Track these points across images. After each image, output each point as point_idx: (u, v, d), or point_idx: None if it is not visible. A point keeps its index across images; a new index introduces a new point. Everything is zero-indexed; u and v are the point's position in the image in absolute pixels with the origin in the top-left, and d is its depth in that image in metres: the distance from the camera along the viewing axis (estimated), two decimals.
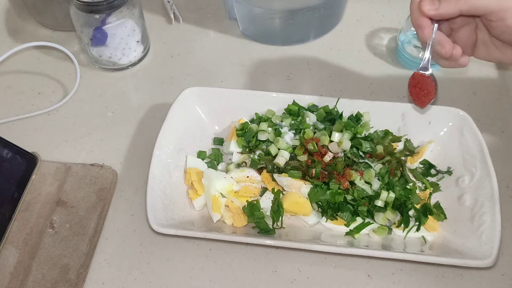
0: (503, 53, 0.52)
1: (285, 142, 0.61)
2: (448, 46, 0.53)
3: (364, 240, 0.57)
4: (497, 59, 0.54)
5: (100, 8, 0.67)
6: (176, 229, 0.54)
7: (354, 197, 0.56)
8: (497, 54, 0.53)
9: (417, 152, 0.63)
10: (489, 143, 0.59)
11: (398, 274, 0.56)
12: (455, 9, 0.49)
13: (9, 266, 0.56)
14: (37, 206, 0.61)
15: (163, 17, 0.84)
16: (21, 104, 0.72)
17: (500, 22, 0.48)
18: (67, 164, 0.64)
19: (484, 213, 0.55)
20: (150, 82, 0.75)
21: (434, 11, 0.50)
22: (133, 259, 0.58)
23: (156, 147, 0.60)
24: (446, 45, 0.53)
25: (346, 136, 0.59)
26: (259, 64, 0.76)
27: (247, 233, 0.58)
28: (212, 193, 0.58)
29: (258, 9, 0.75)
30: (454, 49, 0.53)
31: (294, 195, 0.57)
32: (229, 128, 0.67)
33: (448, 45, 0.53)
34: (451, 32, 0.56)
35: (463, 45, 0.55)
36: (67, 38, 0.80)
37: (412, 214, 0.57)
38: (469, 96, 0.71)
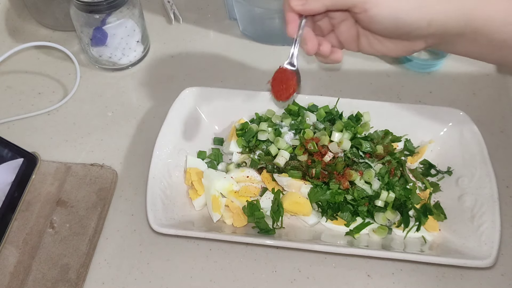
0: (384, 45, 0.52)
1: (285, 142, 0.61)
2: (310, 43, 0.53)
3: (364, 240, 0.57)
4: (380, 52, 0.53)
5: (100, 8, 0.67)
6: (176, 229, 0.54)
7: (354, 197, 0.56)
8: (379, 46, 0.53)
9: (417, 152, 0.63)
10: (489, 143, 0.59)
11: (398, 274, 0.56)
12: (321, 4, 0.49)
13: (9, 266, 0.56)
14: (37, 206, 0.61)
15: (163, 17, 0.84)
16: (21, 104, 0.72)
17: (364, 14, 0.48)
18: (67, 164, 0.64)
19: (484, 213, 0.55)
20: (150, 82, 0.75)
21: (301, 6, 0.50)
22: (133, 259, 0.58)
23: (156, 147, 0.60)
24: (308, 43, 0.53)
25: (346, 136, 0.59)
26: (259, 64, 0.76)
27: (247, 233, 0.58)
28: (212, 193, 0.58)
29: (258, 9, 0.75)
30: (320, 46, 0.53)
31: (294, 195, 0.57)
32: (229, 128, 0.67)
33: (311, 43, 0.53)
34: (332, 27, 0.56)
35: (346, 40, 0.55)
36: (67, 38, 0.80)
37: (412, 214, 0.57)
38: (469, 96, 0.71)
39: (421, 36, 0.49)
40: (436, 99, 0.71)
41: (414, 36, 0.49)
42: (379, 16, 0.47)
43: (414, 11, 0.47)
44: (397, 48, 0.52)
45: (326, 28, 0.56)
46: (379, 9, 0.47)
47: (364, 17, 0.48)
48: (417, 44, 0.51)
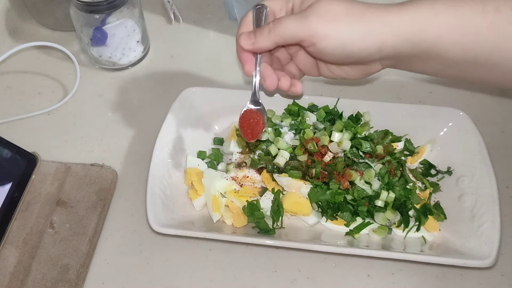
0: (342, 70, 0.53)
1: (285, 142, 0.61)
2: (269, 80, 0.53)
3: (364, 240, 0.57)
4: (340, 76, 0.54)
5: (100, 8, 0.67)
6: (176, 229, 0.54)
7: (354, 197, 0.56)
8: (337, 71, 0.53)
9: (417, 152, 0.63)
10: (489, 143, 0.59)
11: (398, 274, 0.56)
12: (269, 42, 0.49)
13: (9, 266, 0.56)
14: (37, 206, 0.61)
15: (163, 17, 0.84)
16: (21, 104, 0.72)
17: (312, 47, 0.48)
18: (67, 164, 0.64)
19: (484, 213, 0.55)
20: (150, 82, 0.75)
21: (251, 45, 0.50)
22: (133, 259, 0.58)
23: (156, 147, 0.60)
24: (267, 79, 0.53)
25: (346, 136, 0.59)
26: None
27: (247, 233, 0.58)
28: (212, 193, 0.58)
29: None
30: (279, 81, 0.53)
31: (294, 195, 0.57)
32: (229, 128, 0.67)
33: (270, 79, 0.53)
34: (291, 57, 0.57)
35: (305, 67, 0.56)
36: (67, 38, 0.80)
37: (412, 214, 0.57)
38: (469, 96, 0.71)
39: (375, 60, 0.49)
40: (436, 99, 0.71)
41: (367, 61, 0.50)
42: (328, 48, 0.47)
43: (363, 40, 0.46)
44: (356, 72, 0.53)
45: (284, 58, 0.56)
46: (327, 42, 0.47)
47: (314, 50, 0.48)
48: (373, 67, 0.51)
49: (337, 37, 0.46)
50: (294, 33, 0.48)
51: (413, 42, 0.46)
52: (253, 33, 0.51)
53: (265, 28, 0.49)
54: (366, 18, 0.46)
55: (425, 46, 0.46)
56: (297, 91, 0.55)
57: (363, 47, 0.47)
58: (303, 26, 0.47)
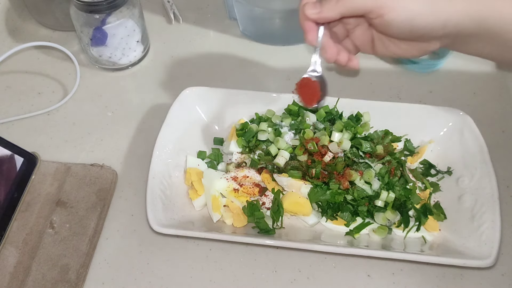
0: (399, 47, 0.53)
1: (285, 142, 0.61)
2: (330, 51, 0.54)
3: (364, 240, 0.57)
4: (395, 54, 0.54)
5: (100, 8, 0.67)
6: (176, 229, 0.54)
7: (354, 197, 0.56)
8: (394, 48, 0.53)
9: (417, 152, 0.63)
10: (489, 143, 0.59)
11: (398, 274, 0.56)
12: (336, 12, 0.50)
13: (9, 266, 0.56)
14: (37, 206, 0.61)
15: (163, 17, 0.84)
16: (21, 104, 0.72)
17: (379, 19, 0.48)
18: (67, 164, 0.64)
19: (484, 213, 0.55)
20: (150, 82, 0.75)
21: (316, 14, 0.51)
22: (133, 259, 0.58)
23: (156, 147, 0.60)
24: (329, 50, 0.54)
25: (346, 136, 0.59)
26: (259, 64, 0.76)
27: (247, 233, 0.58)
28: (212, 193, 0.58)
29: (258, 9, 0.75)
30: (338, 54, 0.54)
31: (294, 195, 0.57)
32: (229, 128, 0.67)
33: (331, 50, 0.54)
34: (347, 33, 0.57)
35: (361, 43, 0.56)
36: (67, 38, 0.80)
37: (412, 214, 0.57)
38: (469, 96, 0.71)
39: (436, 37, 0.50)
40: (436, 99, 0.71)
41: (429, 37, 0.50)
42: (395, 20, 0.48)
43: (430, 14, 0.47)
44: (412, 49, 0.52)
45: (341, 34, 0.56)
46: (395, 14, 0.47)
47: (380, 22, 0.49)
48: (431, 44, 0.51)
49: (406, 9, 0.47)
50: (363, 4, 0.48)
51: (476, 21, 0.46)
52: (319, 2, 0.51)
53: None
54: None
55: (487, 25, 0.46)
56: (354, 66, 0.55)
57: (429, 21, 0.47)
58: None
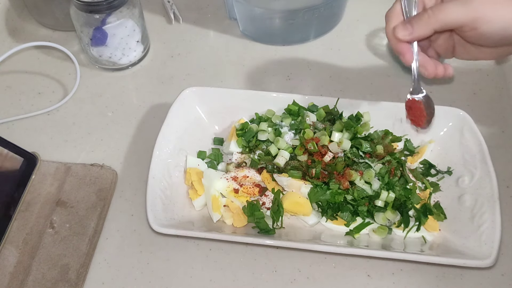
0: (481, 51, 0.53)
1: (285, 142, 0.61)
2: (430, 68, 0.55)
3: (364, 240, 0.57)
4: (476, 58, 0.55)
5: (100, 8, 0.67)
6: (176, 229, 0.54)
7: (354, 197, 0.56)
8: (476, 53, 0.54)
9: (417, 152, 0.63)
10: (489, 143, 0.59)
11: (398, 274, 0.56)
12: (428, 29, 0.50)
13: (9, 266, 0.56)
14: (37, 206, 0.61)
15: (163, 17, 0.84)
16: (21, 104, 0.72)
17: (473, 32, 0.49)
18: (67, 164, 0.64)
19: (484, 213, 0.55)
20: (150, 82, 0.75)
21: (409, 36, 0.51)
22: (133, 259, 0.58)
23: (156, 147, 0.60)
24: (428, 67, 0.54)
25: (346, 136, 0.59)
26: (259, 64, 0.76)
27: (247, 233, 0.58)
28: (212, 193, 0.58)
29: (258, 9, 0.75)
30: (436, 69, 0.55)
31: (294, 195, 0.57)
32: (229, 128, 0.67)
33: (430, 67, 0.55)
34: (430, 43, 0.57)
35: (443, 51, 0.57)
36: (67, 38, 0.80)
37: (412, 214, 0.57)
38: (469, 96, 0.71)
39: None
40: (436, 99, 0.70)
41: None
42: (489, 32, 0.48)
43: None
44: (495, 54, 0.53)
45: (425, 44, 0.57)
46: (489, 25, 0.47)
47: (473, 35, 0.49)
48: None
49: (500, 20, 0.47)
50: (457, 18, 0.48)
51: None
52: (409, 22, 0.51)
53: (423, 16, 0.50)
54: None
55: None
56: (450, 74, 0.56)
57: None
58: (468, 10, 0.47)
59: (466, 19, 0.48)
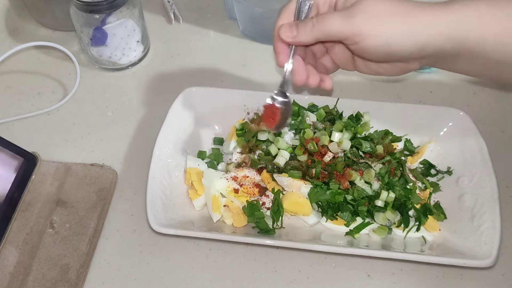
0: (380, 66, 0.53)
1: (285, 142, 0.61)
2: (299, 75, 0.53)
3: (364, 240, 0.57)
4: (376, 72, 0.54)
5: (100, 8, 0.67)
6: (176, 229, 0.54)
7: (354, 197, 0.56)
8: (375, 67, 0.53)
9: (417, 152, 0.63)
10: (489, 143, 0.59)
11: (398, 274, 0.56)
12: (311, 37, 0.49)
13: (9, 266, 0.56)
14: (37, 206, 0.61)
15: (163, 17, 0.84)
16: (21, 104, 0.72)
17: (355, 45, 0.48)
18: (67, 164, 0.64)
19: (484, 213, 0.55)
20: (150, 82, 0.75)
21: (291, 38, 0.50)
22: (133, 259, 0.58)
23: (156, 147, 0.60)
24: (297, 75, 0.53)
25: (346, 136, 0.59)
26: (259, 64, 0.76)
27: (247, 233, 0.58)
28: (212, 193, 0.58)
29: (258, 9, 0.75)
30: (308, 78, 0.54)
31: (294, 195, 0.57)
32: (229, 128, 0.67)
33: (300, 75, 0.53)
34: (326, 50, 0.56)
35: (341, 62, 0.56)
36: (67, 38, 0.80)
37: (412, 214, 0.57)
38: (469, 96, 0.71)
39: (416, 59, 0.49)
40: (436, 99, 0.71)
41: (407, 59, 0.50)
42: (371, 47, 0.47)
43: (406, 39, 0.46)
44: (393, 69, 0.52)
45: (319, 51, 0.56)
46: (370, 41, 0.47)
47: (356, 48, 0.48)
48: (411, 65, 0.51)
49: (382, 36, 0.47)
50: (338, 31, 0.48)
51: (456, 42, 0.46)
52: (295, 25, 0.50)
53: (308, 23, 0.49)
54: (411, 18, 0.46)
55: (468, 46, 0.46)
56: (326, 87, 0.55)
57: (405, 46, 0.47)
58: (348, 25, 0.47)
59: (346, 33, 0.47)
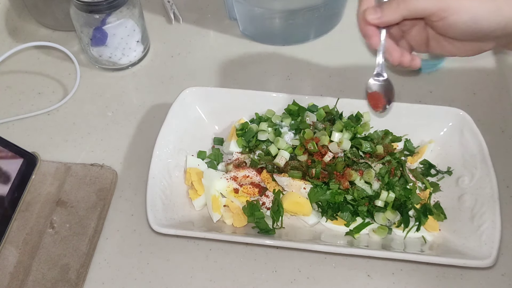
0: (454, 46, 0.53)
1: (285, 142, 0.61)
2: (395, 54, 0.55)
3: (364, 240, 0.57)
4: (450, 52, 0.54)
5: (100, 8, 0.67)
6: (176, 229, 0.54)
7: (354, 197, 0.56)
8: (449, 47, 0.54)
9: (417, 152, 0.63)
10: (489, 143, 0.59)
11: (398, 274, 0.56)
12: (397, 15, 0.50)
13: (9, 266, 0.56)
14: (37, 206, 0.61)
15: (163, 17, 0.84)
16: (21, 104, 0.72)
17: (441, 22, 0.49)
18: (67, 164, 0.64)
19: (484, 213, 0.55)
20: (150, 82, 0.75)
21: (377, 19, 0.51)
22: (133, 259, 0.58)
23: (156, 147, 0.60)
24: (393, 53, 0.54)
25: (346, 136, 0.59)
26: (259, 64, 0.76)
27: (247, 233, 0.58)
28: (212, 193, 0.58)
29: (258, 9, 0.75)
30: (402, 56, 0.55)
31: (294, 195, 0.57)
32: (229, 128, 0.67)
33: (395, 53, 0.55)
34: (403, 34, 0.57)
35: (416, 43, 0.56)
36: (67, 38, 0.80)
37: (412, 214, 0.57)
38: (469, 96, 0.71)
39: (495, 38, 0.50)
40: (436, 99, 0.71)
41: (488, 38, 0.50)
42: (458, 22, 0.48)
43: (492, 15, 0.47)
44: (467, 49, 0.53)
45: (396, 34, 0.57)
46: (458, 16, 0.47)
47: (442, 24, 0.49)
48: (488, 44, 0.51)
49: (469, 11, 0.47)
50: (426, 7, 0.48)
51: None
52: (379, 7, 0.51)
53: (393, 3, 0.50)
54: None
55: None
56: (417, 65, 0.56)
57: (491, 22, 0.47)
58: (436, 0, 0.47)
59: (434, 8, 0.48)
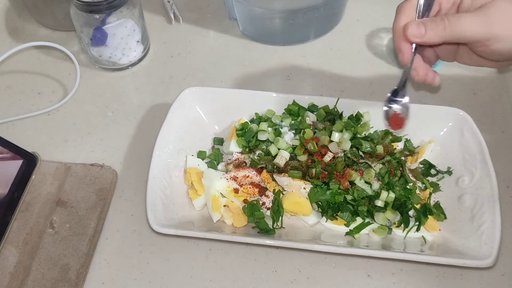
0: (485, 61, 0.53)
1: (285, 142, 0.61)
2: (421, 72, 0.53)
3: (364, 240, 0.57)
4: (478, 64, 0.54)
5: (100, 8, 0.67)
6: (176, 229, 0.54)
7: (354, 197, 0.56)
8: (479, 61, 0.53)
9: (417, 152, 0.63)
10: (489, 143, 0.59)
11: (398, 274, 0.56)
12: (442, 38, 0.48)
13: (9, 266, 0.56)
14: (37, 206, 0.61)
15: (163, 17, 0.84)
16: (21, 104, 0.72)
17: (484, 48, 0.48)
18: (67, 164, 0.64)
19: (484, 213, 0.55)
20: (150, 82, 0.75)
21: (419, 38, 0.49)
22: (133, 259, 0.58)
23: (156, 147, 0.60)
24: (420, 72, 0.53)
25: (346, 136, 0.59)
26: (259, 64, 0.76)
27: (247, 233, 0.58)
28: (212, 193, 0.58)
29: (258, 9, 0.75)
30: (426, 75, 0.54)
31: (294, 195, 0.57)
32: (229, 128, 0.67)
33: (422, 71, 0.53)
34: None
35: (444, 54, 0.56)
36: (67, 38, 0.80)
37: (412, 214, 0.57)
38: (469, 96, 0.71)
39: None
40: (436, 99, 0.71)
41: None
42: (501, 49, 0.48)
43: None
44: (498, 64, 0.53)
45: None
46: (503, 44, 0.47)
47: (484, 50, 0.49)
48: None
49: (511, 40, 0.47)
50: (473, 34, 0.47)
51: None
52: (423, 24, 0.49)
53: (440, 23, 0.48)
54: None
55: None
56: (436, 83, 0.55)
57: None
58: (486, 28, 0.47)
59: (481, 37, 0.47)
